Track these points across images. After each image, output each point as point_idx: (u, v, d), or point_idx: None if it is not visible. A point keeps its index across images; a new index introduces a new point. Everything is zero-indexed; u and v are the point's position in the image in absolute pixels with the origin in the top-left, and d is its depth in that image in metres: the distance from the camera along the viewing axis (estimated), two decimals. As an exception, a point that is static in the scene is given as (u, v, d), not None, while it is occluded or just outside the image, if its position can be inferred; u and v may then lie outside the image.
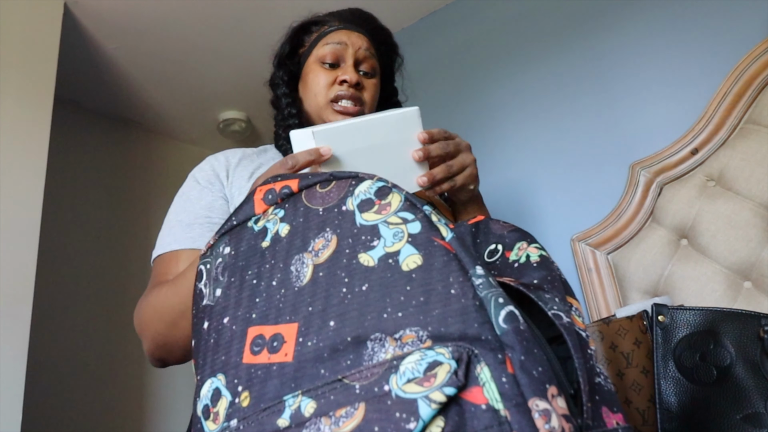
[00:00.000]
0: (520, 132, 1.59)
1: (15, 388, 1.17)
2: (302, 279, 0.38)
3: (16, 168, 1.34)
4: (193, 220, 0.75)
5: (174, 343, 0.65)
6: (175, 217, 0.77)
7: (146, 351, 0.69)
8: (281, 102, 0.86)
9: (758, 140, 1.17)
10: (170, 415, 2.05)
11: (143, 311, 0.69)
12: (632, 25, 1.43)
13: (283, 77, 0.87)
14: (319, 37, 0.85)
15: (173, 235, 0.75)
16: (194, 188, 0.79)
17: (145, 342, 0.69)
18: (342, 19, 0.87)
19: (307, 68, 0.85)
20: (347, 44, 0.83)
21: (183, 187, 0.81)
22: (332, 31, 0.85)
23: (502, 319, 0.31)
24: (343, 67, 0.83)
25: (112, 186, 2.18)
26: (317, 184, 0.42)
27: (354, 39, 0.84)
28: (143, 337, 0.69)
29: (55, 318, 1.82)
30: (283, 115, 0.86)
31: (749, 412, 0.68)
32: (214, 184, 0.78)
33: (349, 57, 0.83)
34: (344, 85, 0.81)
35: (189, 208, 0.77)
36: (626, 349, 0.79)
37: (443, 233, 0.35)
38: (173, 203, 0.80)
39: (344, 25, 0.85)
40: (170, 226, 0.77)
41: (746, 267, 1.12)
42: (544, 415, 0.28)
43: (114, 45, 1.84)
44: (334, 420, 0.31)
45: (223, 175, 0.79)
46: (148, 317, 0.67)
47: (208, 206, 0.76)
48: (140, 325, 0.69)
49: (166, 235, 0.76)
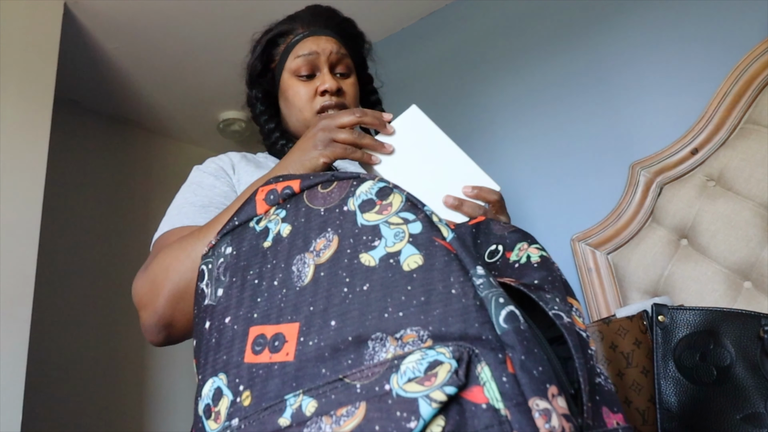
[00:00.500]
0: (520, 132, 1.59)
1: (15, 388, 1.17)
2: (304, 279, 0.38)
3: (16, 168, 1.34)
4: (208, 203, 0.73)
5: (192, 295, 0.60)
6: (186, 200, 0.74)
7: (151, 321, 0.63)
8: (260, 120, 0.87)
9: (758, 140, 1.17)
10: (170, 415, 2.05)
11: (154, 269, 0.64)
12: (632, 25, 1.44)
13: (257, 95, 0.87)
14: (287, 50, 0.84)
15: (185, 214, 0.72)
16: (205, 178, 0.78)
17: (153, 307, 0.63)
18: (305, 22, 0.85)
19: (284, 84, 0.84)
20: (318, 52, 0.82)
21: (191, 179, 0.79)
22: (299, 41, 0.83)
23: (503, 319, 0.31)
24: (319, 75, 0.83)
25: (112, 186, 2.18)
26: (319, 184, 0.42)
27: (323, 44, 0.83)
28: (151, 302, 0.63)
29: (55, 318, 1.82)
30: (263, 133, 0.87)
31: (749, 412, 0.68)
32: (224, 177, 0.78)
33: (323, 64, 0.82)
34: (326, 95, 0.81)
35: (202, 193, 0.75)
36: (626, 349, 0.79)
37: (444, 233, 0.35)
38: (180, 192, 0.78)
39: (310, 31, 0.84)
40: (179, 209, 0.74)
41: (746, 267, 1.12)
42: (544, 414, 0.28)
43: (114, 45, 1.84)
44: (335, 419, 0.31)
45: (230, 171, 0.80)
46: (160, 275, 0.62)
47: (223, 194, 0.75)
48: (149, 288, 0.63)
49: (174, 215, 0.73)
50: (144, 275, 0.66)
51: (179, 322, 0.63)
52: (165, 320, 0.63)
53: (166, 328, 0.64)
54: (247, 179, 0.78)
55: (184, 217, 0.71)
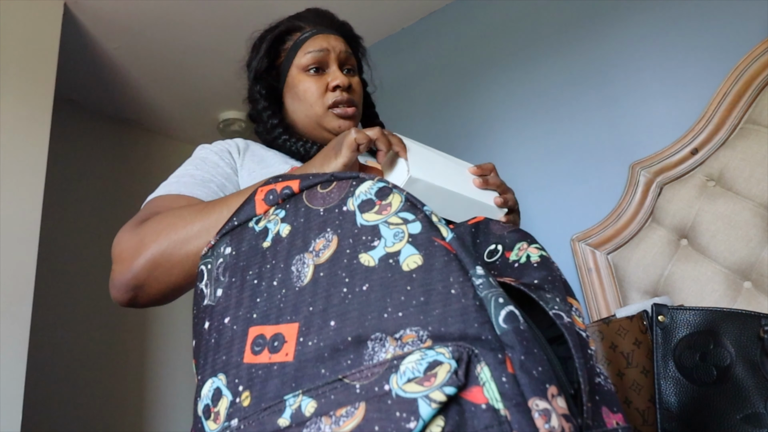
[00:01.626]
0: (520, 132, 1.59)
1: (15, 388, 1.17)
2: (303, 279, 0.38)
3: (16, 168, 1.34)
4: (209, 178, 0.73)
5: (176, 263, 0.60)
6: (186, 171, 0.74)
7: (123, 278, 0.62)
8: (263, 116, 0.87)
9: (758, 140, 1.17)
10: (170, 415, 2.05)
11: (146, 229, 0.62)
12: (632, 25, 1.44)
13: (260, 91, 0.87)
14: (296, 47, 0.85)
15: (183, 184, 0.71)
16: (210, 155, 0.78)
17: (130, 264, 0.61)
18: (311, 22, 0.87)
19: (293, 80, 0.85)
20: (329, 49, 0.84)
21: (195, 154, 0.79)
22: (309, 38, 0.85)
23: (503, 319, 0.31)
24: (329, 72, 0.84)
25: (112, 186, 2.18)
26: (318, 184, 0.42)
27: (333, 42, 0.85)
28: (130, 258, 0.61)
29: (55, 318, 1.82)
30: (266, 128, 0.86)
31: (749, 412, 0.68)
32: (228, 159, 0.79)
33: (333, 61, 0.84)
34: (337, 91, 0.82)
35: (205, 168, 0.75)
36: (626, 349, 0.79)
37: (444, 233, 0.35)
38: (182, 165, 0.77)
39: (318, 29, 0.86)
40: (179, 177, 0.73)
41: (746, 267, 1.12)
42: (543, 414, 0.28)
43: (114, 45, 1.84)
44: (334, 419, 0.31)
45: (236, 155, 0.80)
46: (150, 236, 0.61)
47: (225, 175, 0.75)
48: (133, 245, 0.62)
49: (173, 183, 0.72)
50: (132, 231, 0.64)
51: (150, 288, 0.62)
52: (137, 281, 0.62)
53: (134, 289, 0.62)
54: (250, 166, 0.78)
55: (182, 186, 0.71)
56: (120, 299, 0.64)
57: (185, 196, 0.69)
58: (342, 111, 0.82)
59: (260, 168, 0.78)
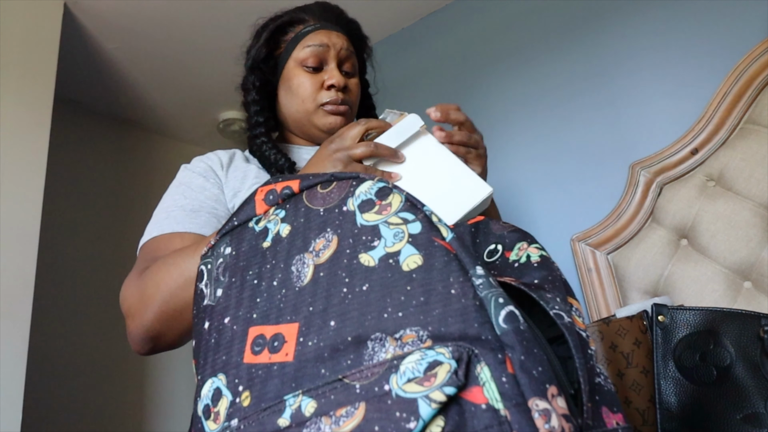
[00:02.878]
0: (519, 132, 1.59)
1: (15, 388, 1.17)
2: (303, 279, 0.38)
3: (16, 168, 1.34)
4: (198, 207, 0.71)
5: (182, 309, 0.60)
6: (175, 203, 0.72)
7: (138, 332, 0.63)
8: (250, 108, 0.84)
9: (758, 140, 1.17)
10: (170, 415, 2.05)
11: (146, 282, 0.63)
12: (632, 25, 1.44)
13: (254, 82, 0.84)
14: (297, 39, 0.82)
15: (174, 218, 0.70)
16: (195, 179, 0.76)
17: (141, 320, 0.62)
18: (316, 16, 0.84)
19: (288, 72, 0.82)
20: (329, 46, 0.81)
21: (179, 179, 0.77)
22: (311, 32, 0.82)
23: (503, 319, 0.31)
24: (326, 69, 0.81)
25: (112, 186, 2.18)
26: (318, 184, 0.42)
27: (334, 39, 0.82)
28: (139, 313, 0.62)
29: (55, 318, 1.82)
30: (250, 123, 0.84)
31: (749, 412, 0.68)
32: (213, 177, 0.77)
33: (332, 59, 0.81)
34: (332, 90, 0.80)
35: (192, 196, 0.73)
36: (626, 349, 0.79)
37: (444, 233, 0.35)
38: (168, 193, 0.76)
39: (321, 24, 0.83)
40: (168, 211, 0.71)
41: (746, 267, 1.12)
42: (543, 414, 0.28)
43: (114, 45, 1.84)
44: (334, 419, 0.31)
45: (219, 171, 0.78)
46: (151, 289, 0.61)
47: (214, 198, 0.74)
48: (137, 300, 0.63)
49: (163, 219, 0.70)
50: (133, 285, 0.65)
51: (167, 336, 0.63)
52: (152, 333, 0.63)
53: (152, 341, 0.64)
54: (234, 185, 0.76)
55: (174, 221, 0.69)
56: (140, 351, 0.66)
57: (179, 233, 0.68)
58: (334, 108, 0.80)
59: (244, 186, 0.76)
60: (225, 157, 0.81)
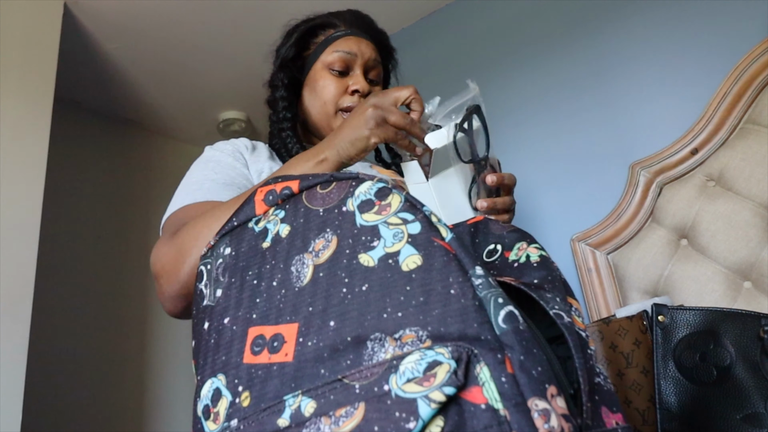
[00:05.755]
0: (519, 132, 1.59)
1: (15, 388, 1.17)
2: (303, 279, 0.38)
3: (16, 168, 1.34)
4: (230, 181, 0.71)
5: None
6: (206, 177, 0.71)
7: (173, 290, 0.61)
8: (278, 105, 0.86)
9: (758, 140, 1.17)
10: (170, 416, 2.05)
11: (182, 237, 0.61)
12: (632, 25, 1.44)
13: (283, 80, 0.86)
14: (326, 42, 0.84)
15: (207, 189, 0.69)
16: (223, 157, 0.76)
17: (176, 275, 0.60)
18: (347, 22, 0.86)
19: (315, 74, 0.84)
20: (357, 53, 0.83)
21: (206, 157, 0.77)
22: (340, 37, 0.84)
23: (502, 319, 0.31)
24: (352, 75, 0.83)
25: (112, 186, 2.18)
26: (318, 185, 0.42)
27: (363, 47, 0.84)
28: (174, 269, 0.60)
29: (55, 318, 1.82)
30: (278, 117, 0.86)
31: (749, 412, 0.68)
32: (241, 159, 0.77)
33: (359, 66, 0.83)
34: (355, 95, 0.82)
35: (223, 171, 0.73)
36: (626, 349, 0.79)
37: (443, 234, 0.35)
38: (195, 169, 0.75)
39: (351, 31, 0.85)
40: (200, 183, 0.71)
41: (746, 267, 1.12)
42: (543, 414, 0.28)
43: (114, 45, 1.84)
44: (334, 420, 0.31)
45: (246, 154, 0.79)
46: (189, 242, 0.59)
47: (243, 176, 0.74)
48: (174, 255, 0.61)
49: (195, 190, 0.70)
50: (166, 245, 0.63)
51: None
52: (188, 289, 0.60)
53: (186, 298, 0.62)
54: (258, 166, 0.77)
55: (207, 192, 0.69)
56: (174, 312, 0.64)
57: (212, 201, 0.67)
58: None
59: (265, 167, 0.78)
60: (249, 144, 0.83)
